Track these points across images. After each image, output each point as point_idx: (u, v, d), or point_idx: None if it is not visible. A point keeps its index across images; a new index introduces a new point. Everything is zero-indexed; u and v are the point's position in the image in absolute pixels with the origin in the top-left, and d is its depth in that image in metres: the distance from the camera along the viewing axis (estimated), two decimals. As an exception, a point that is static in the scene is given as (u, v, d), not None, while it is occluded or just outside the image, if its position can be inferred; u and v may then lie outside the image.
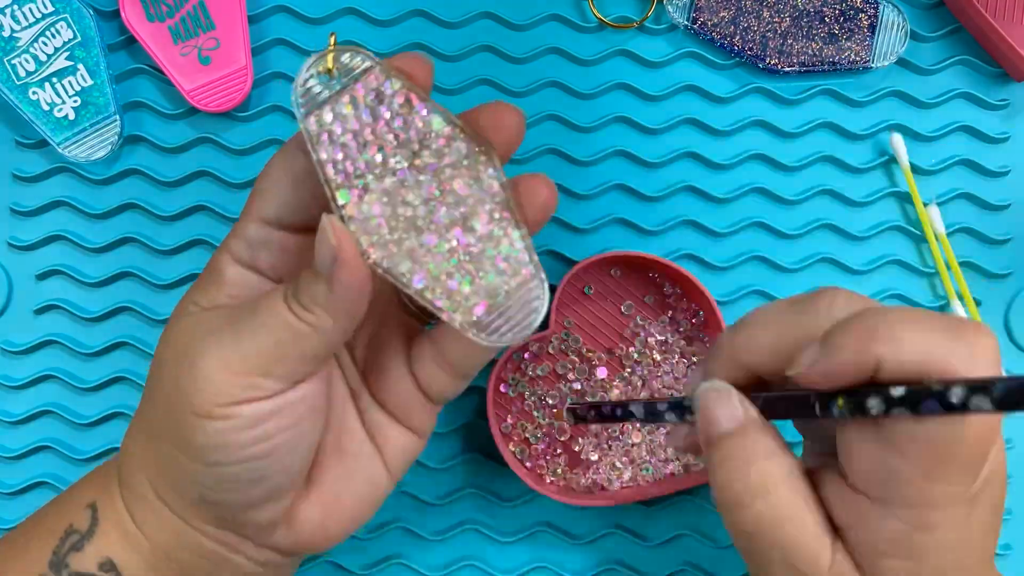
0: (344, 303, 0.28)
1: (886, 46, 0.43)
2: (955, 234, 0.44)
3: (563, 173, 0.44)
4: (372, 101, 0.29)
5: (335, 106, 0.29)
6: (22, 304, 0.44)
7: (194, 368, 0.28)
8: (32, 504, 0.43)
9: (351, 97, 0.29)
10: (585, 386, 0.42)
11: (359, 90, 0.29)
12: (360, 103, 0.29)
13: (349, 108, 0.29)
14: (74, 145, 0.42)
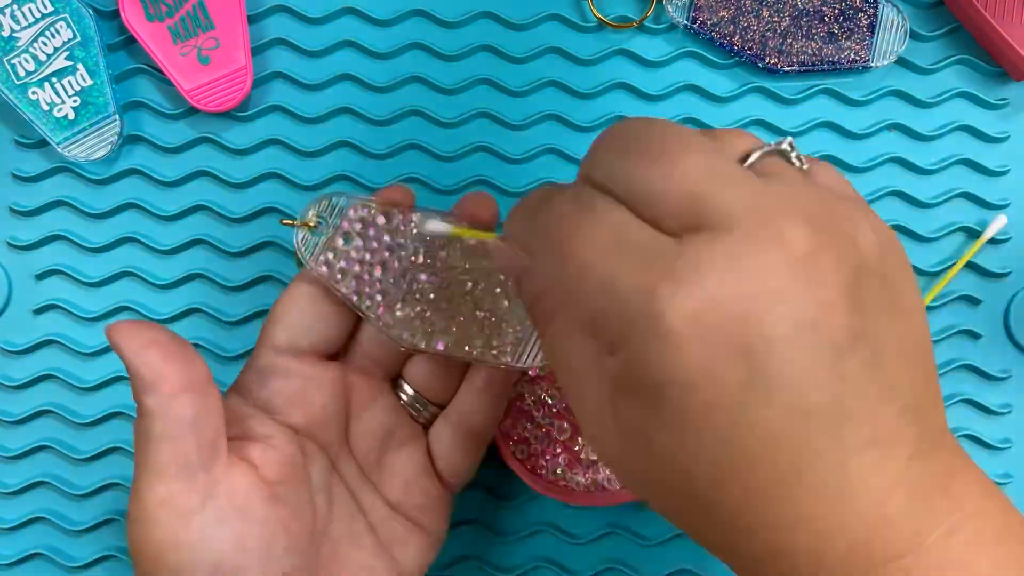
0: None
1: (886, 45, 0.43)
2: (954, 233, 0.44)
3: (563, 173, 0.44)
4: (360, 230, 0.34)
5: (333, 247, 0.34)
6: (22, 304, 0.44)
7: (133, 512, 0.29)
8: (32, 504, 0.43)
9: (343, 234, 0.34)
10: None
11: (345, 226, 0.34)
12: (351, 234, 0.34)
13: (345, 241, 0.34)
14: (74, 145, 0.42)
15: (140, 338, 0.28)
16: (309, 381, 0.34)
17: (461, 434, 0.36)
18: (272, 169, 0.44)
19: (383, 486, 0.35)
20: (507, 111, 0.44)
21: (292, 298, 0.35)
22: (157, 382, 0.28)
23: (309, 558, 0.32)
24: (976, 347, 0.44)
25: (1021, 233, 0.44)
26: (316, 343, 0.34)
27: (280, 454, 0.32)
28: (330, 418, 0.34)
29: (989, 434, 0.43)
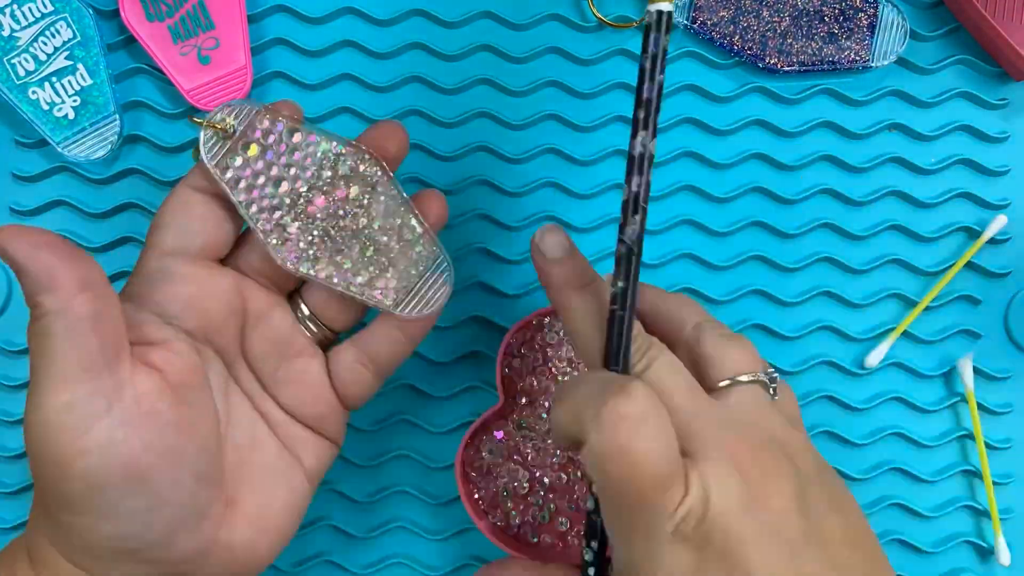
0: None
1: (886, 45, 0.43)
2: (954, 233, 0.44)
3: (563, 173, 0.44)
4: (265, 143, 0.34)
5: (237, 154, 0.34)
6: (22, 304, 0.44)
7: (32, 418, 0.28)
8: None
9: (245, 143, 0.34)
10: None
11: (251, 136, 0.34)
12: (256, 147, 0.34)
13: (253, 151, 0.34)
14: (74, 145, 0.42)
15: (30, 240, 0.28)
16: (202, 286, 0.33)
17: (363, 360, 0.36)
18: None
19: (279, 394, 0.35)
20: (507, 111, 0.44)
21: (179, 202, 0.34)
22: (54, 281, 0.28)
23: (217, 459, 0.32)
24: (976, 347, 0.44)
25: (1021, 233, 0.44)
26: (206, 246, 0.34)
27: (181, 358, 0.31)
28: (225, 324, 0.34)
29: (989, 434, 0.44)
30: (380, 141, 0.35)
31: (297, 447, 0.35)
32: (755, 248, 0.44)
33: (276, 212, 0.34)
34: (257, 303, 0.35)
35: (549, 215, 0.44)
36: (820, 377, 0.44)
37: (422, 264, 0.35)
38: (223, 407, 0.33)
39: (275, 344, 0.35)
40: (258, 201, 0.34)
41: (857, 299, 0.44)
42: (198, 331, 0.33)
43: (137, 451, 0.28)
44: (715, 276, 0.44)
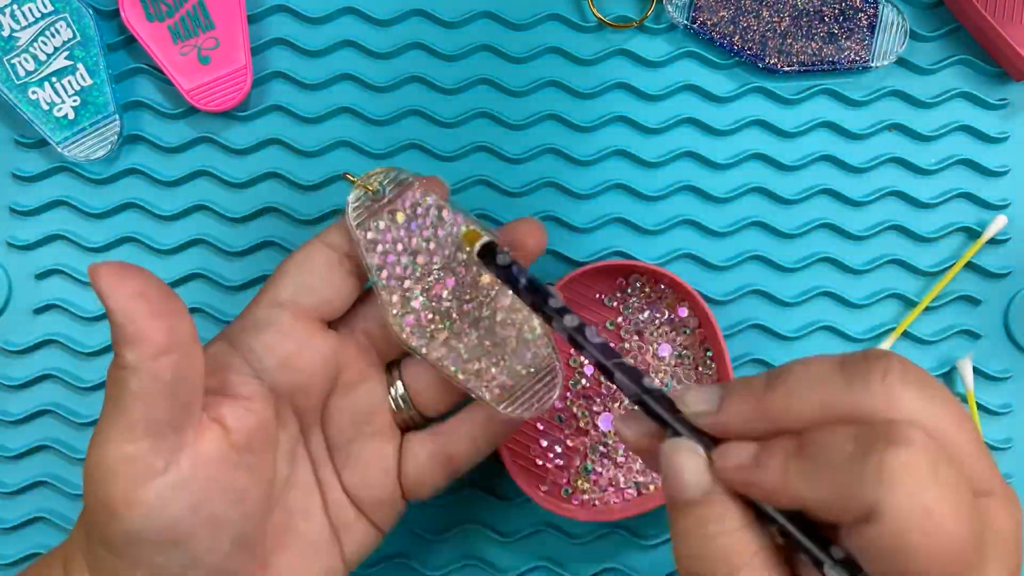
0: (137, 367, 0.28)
1: (885, 46, 0.43)
2: (955, 233, 0.44)
3: (563, 173, 0.44)
4: (411, 214, 0.34)
5: (382, 218, 0.34)
6: (22, 304, 0.44)
7: (93, 457, 0.28)
8: (32, 504, 0.43)
9: (392, 211, 0.34)
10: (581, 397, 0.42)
11: (399, 205, 0.34)
12: (401, 216, 0.34)
13: (400, 219, 0.34)
14: (73, 144, 0.42)
15: (127, 287, 0.27)
16: (305, 344, 0.33)
17: (439, 455, 0.35)
18: (272, 169, 0.44)
19: (344, 470, 0.35)
20: (507, 111, 0.44)
21: (305, 257, 0.34)
22: (140, 338, 0.27)
23: (261, 525, 0.31)
24: (976, 347, 0.44)
25: (1021, 233, 0.44)
26: (320, 305, 0.33)
27: (255, 418, 0.31)
28: (316, 387, 0.34)
29: (990, 434, 0.43)
30: (520, 236, 0.35)
31: (343, 529, 0.34)
32: (755, 248, 0.44)
33: (405, 282, 0.34)
34: (352, 372, 0.35)
35: (549, 215, 0.44)
36: (820, 377, 0.44)
37: (534, 366, 0.34)
38: (286, 469, 0.33)
39: (356, 417, 0.35)
40: (390, 267, 0.34)
41: (857, 299, 0.44)
42: (286, 389, 0.33)
43: (182, 515, 0.28)
44: (715, 276, 0.44)
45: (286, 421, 0.33)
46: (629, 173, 0.44)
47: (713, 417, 0.26)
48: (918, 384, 0.24)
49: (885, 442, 0.22)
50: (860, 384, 0.24)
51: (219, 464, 0.29)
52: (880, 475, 0.21)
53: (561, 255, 0.44)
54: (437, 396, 0.36)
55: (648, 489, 0.42)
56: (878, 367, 0.24)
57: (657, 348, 0.42)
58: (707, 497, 0.25)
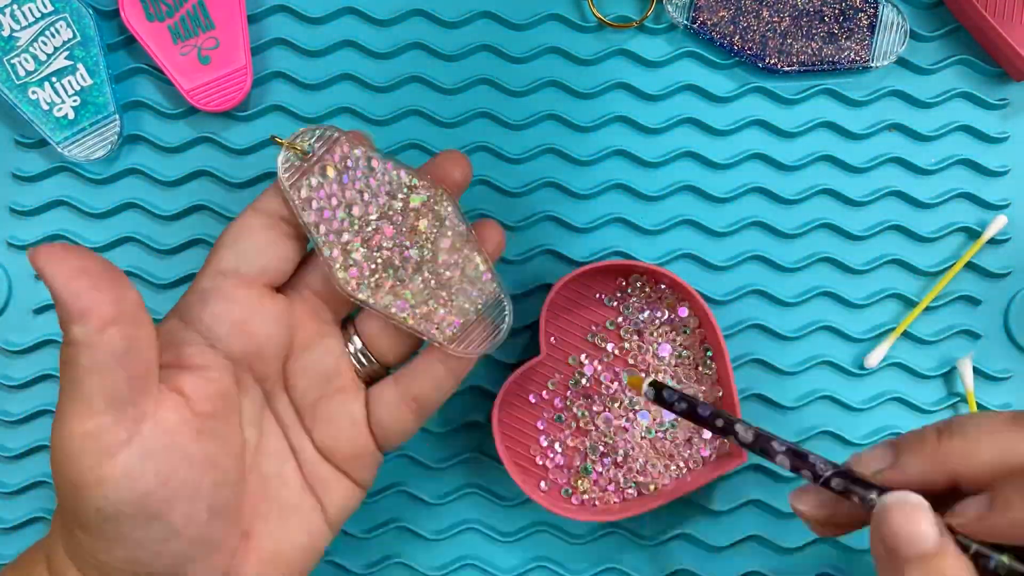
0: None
1: (886, 46, 0.43)
2: (955, 233, 0.44)
3: (563, 173, 0.44)
4: (342, 168, 0.34)
5: (314, 175, 0.34)
6: (21, 304, 0.44)
7: (56, 440, 0.28)
8: (32, 504, 0.44)
9: (322, 166, 0.34)
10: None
11: (328, 159, 0.34)
12: (331, 171, 0.34)
13: (330, 173, 0.34)
14: (74, 145, 0.42)
15: (68, 265, 0.27)
16: (253, 310, 0.33)
17: (405, 399, 0.35)
18: (272, 169, 0.44)
19: (314, 430, 0.35)
20: (507, 111, 0.44)
21: (243, 225, 0.34)
22: (86, 312, 0.27)
23: (236, 492, 0.32)
24: (976, 347, 0.44)
25: (1021, 233, 0.44)
26: (264, 270, 0.33)
27: (214, 386, 0.31)
28: (271, 351, 0.33)
29: (989, 434, 0.43)
30: (446, 169, 0.35)
31: (322, 489, 0.35)
32: (755, 248, 0.44)
33: (344, 235, 0.34)
34: (306, 333, 0.35)
35: (549, 215, 0.44)
36: (820, 377, 0.44)
37: (481, 302, 0.35)
38: (255, 436, 0.33)
39: (319, 377, 0.35)
40: (327, 223, 0.34)
41: (857, 299, 0.44)
42: (242, 356, 0.33)
43: (153, 485, 0.28)
44: (715, 276, 0.44)
45: (247, 388, 0.33)
46: (629, 173, 0.44)
47: (891, 472, 0.28)
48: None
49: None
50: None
51: (183, 432, 0.29)
52: None
53: (561, 255, 0.44)
54: (395, 344, 0.36)
55: (648, 489, 0.42)
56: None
57: (657, 348, 0.42)
58: (941, 550, 0.27)
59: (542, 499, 0.40)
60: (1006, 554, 0.26)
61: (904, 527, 0.27)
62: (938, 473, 0.28)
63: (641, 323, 0.42)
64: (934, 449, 0.28)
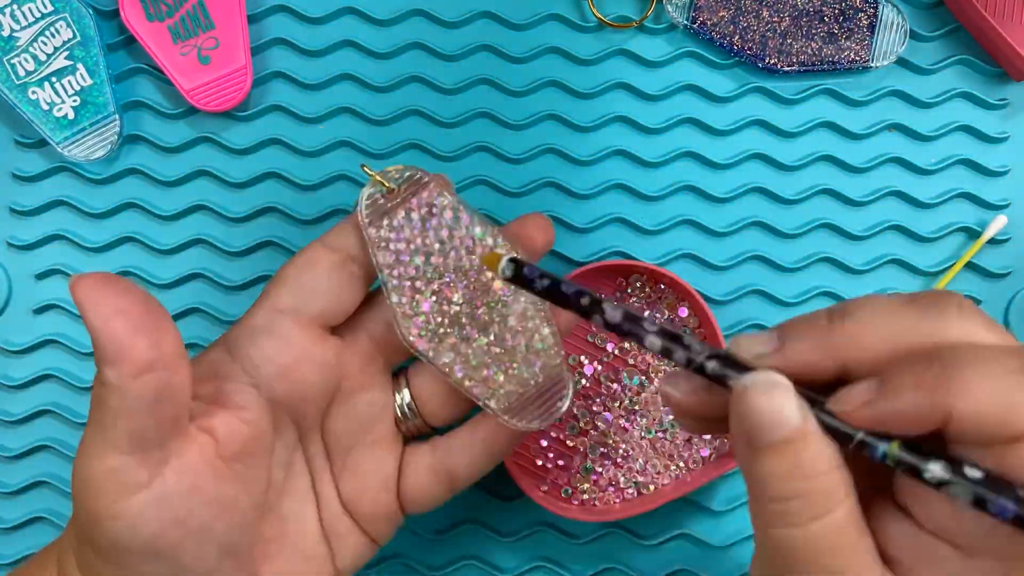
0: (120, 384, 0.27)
1: (885, 45, 0.43)
2: (954, 233, 0.44)
3: (563, 173, 0.44)
4: (425, 214, 0.33)
5: (394, 217, 0.33)
6: (21, 304, 0.44)
7: (78, 469, 0.28)
8: (32, 504, 0.44)
9: (407, 210, 0.33)
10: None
11: (414, 203, 0.33)
12: (415, 215, 0.33)
13: (413, 218, 0.33)
14: (73, 145, 0.42)
15: (108, 304, 0.26)
16: (305, 354, 0.32)
17: (440, 471, 0.34)
18: (272, 169, 0.44)
19: (342, 479, 0.34)
20: (507, 111, 0.44)
21: (307, 260, 0.32)
22: (121, 357, 0.26)
23: (250, 534, 0.31)
24: (976, 347, 0.44)
25: (1021, 233, 0.44)
26: (322, 311, 0.32)
27: (248, 429, 0.30)
28: (315, 396, 0.33)
29: (989, 434, 0.43)
30: (529, 232, 0.34)
31: (337, 541, 0.34)
32: (755, 248, 0.44)
33: (416, 283, 0.33)
34: (354, 380, 0.34)
35: (549, 215, 0.44)
36: (820, 377, 0.44)
37: (543, 376, 0.34)
38: (281, 476, 0.33)
39: (357, 425, 0.34)
40: (402, 267, 0.33)
41: (857, 299, 0.44)
42: (283, 399, 0.32)
43: (166, 526, 0.28)
44: (715, 276, 0.44)
45: (283, 429, 0.32)
46: (629, 173, 0.44)
47: (774, 358, 0.25)
48: (986, 321, 0.24)
49: None
50: (936, 315, 0.24)
51: (205, 475, 0.29)
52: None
53: (561, 255, 0.44)
54: (444, 406, 0.35)
55: (648, 489, 0.42)
56: (952, 301, 0.24)
57: (657, 348, 0.42)
58: (801, 434, 0.23)
59: (542, 499, 0.40)
60: (895, 442, 0.23)
61: (762, 409, 0.24)
62: (827, 359, 0.24)
63: None
64: (823, 332, 0.24)
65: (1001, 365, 0.22)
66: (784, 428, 0.23)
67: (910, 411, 0.23)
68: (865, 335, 0.24)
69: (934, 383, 0.22)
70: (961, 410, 0.22)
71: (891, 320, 0.24)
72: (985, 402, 0.22)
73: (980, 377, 0.22)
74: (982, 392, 0.22)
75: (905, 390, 0.23)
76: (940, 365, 0.23)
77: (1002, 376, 0.22)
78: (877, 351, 0.24)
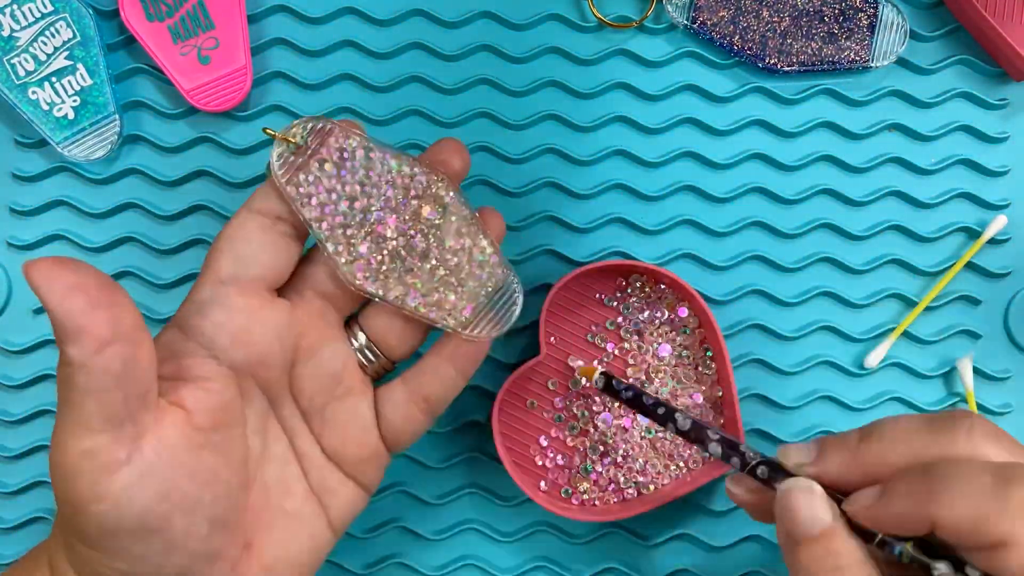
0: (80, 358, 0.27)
1: (885, 45, 0.43)
2: (955, 233, 0.44)
3: (563, 173, 0.44)
4: (338, 160, 0.33)
5: (309, 169, 0.33)
6: (21, 304, 0.44)
7: (54, 456, 0.28)
8: (32, 504, 0.44)
9: (319, 160, 0.33)
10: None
11: (324, 152, 0.33)
12: (328, 164, 0.33)
13: (328, 167, 0.33)
14: (73, 145, 0.42)
15: (63, 281, 0.26)
16: (254, 317, 0.32)
17: (415, 399, 0.35)
18: (272, 169, 0.44)
19: (322, 434, 0.34)
20: (507, 111, 0.44)
21: (239, 227, 0.32)
22: (82, 332, 0.26)
23: (237, 503, 0.31)
24: (976, 347, 0.44)
25: (1021, 233, 0.44)
26: (264, 274, 0.32)
27: (216, 398, 0.30)
28: (276, 359, 0.33)
29: (989, 434, 0.43)
30: (444, 156, 0.35)
31: (327, 494, 0.34)
32: (755, 248, 0.44)
33: (347, 230, 0.33)
34: (311, 337, 0.34)
35: (549, 215, 0.44)
36: (820, 377, 0.44)
37: (491, 285, 0.35)
38: (258, 445, 0.33)
39: (326, 381, 0.34)
40: (329, 218, 0.33)
41: (857, 299, 0.44)
42: (244, 365, 0.32)
43: (152, 502, 0.28)
44: (715, 276, 0.44)
45: (252, 397, 0.33)
46: (629, 173, 0.44)
47: (812, 467, 0.30)
48: (995, 437, 0.28)
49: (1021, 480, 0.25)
50: (947, 435, 0.28)
51: (184, 448, 0.29)
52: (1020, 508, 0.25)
53: (561, 255, 0.44)
54: (402, 338, 0.35)
55: (648, 489, 0.42)
56: (963, 424, 0.28)
57: (657, 348, 0.42)
58: (831, 531, 0.28)
59: (542, 499, 0.40)
60: (909, 543, 0.27)
61: (800, 508, 0.29)
62: (855, 473, 0.29)
63: (641, 323, 0.42)
64: (854, 450, 0.29)
65: (978, 479, 0.26)
66: (817, 525, 0.29)
67: (900, 516, 0.27)
68: (888, 454, 0.29)
69: (921, 494, 0.27)
70: (943, 518, 0.26)
71: (910, 440, 0.28)
72: (960, 513, 0.26)
73: (957, 489, 0.26)
74: (958, 503, 0.26)
75: (898, 498, 0.27)
76: (928, 478, 0.27)
77: (977, 489, 0.26)
78: (898, 467, 0.28)
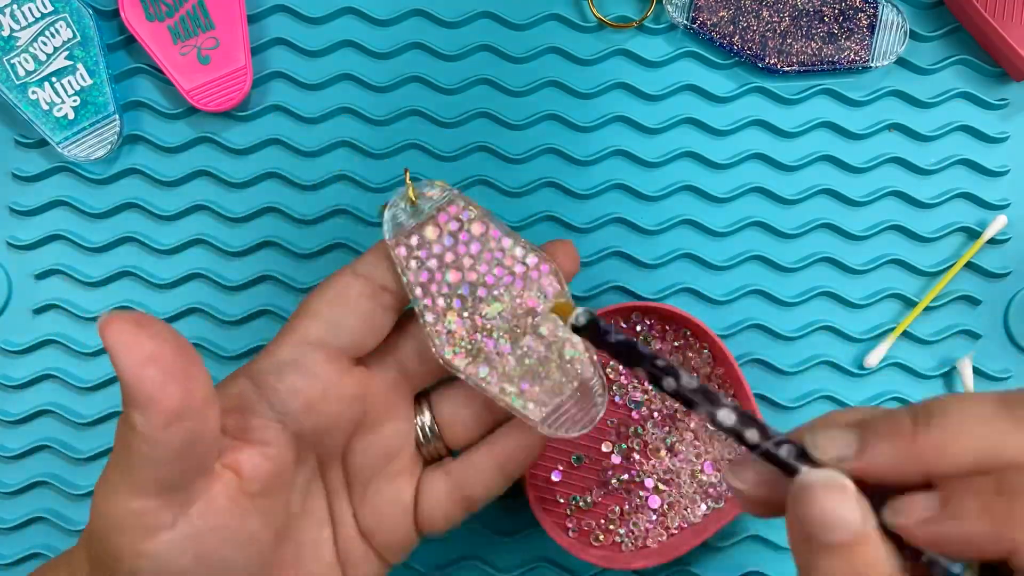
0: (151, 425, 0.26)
1: (885, 46, 0.43)
2: (955, 233, 0.44)
3: (562, 173, 0.44)
4: (455, 229, 0.33)
5: (421, 233, 0.33)
6: (22, 304, 0.44)
7: (100, 505, 0.28)
8: (32, 504, 0.44)
9: (436, 225, 0.33)
10: None
11: (442, 219, 0.33)
12: (445, 230, 0.33)
13: (433, 235, 0.33)
14: (73, 144, 0.42)
15: (139, 350, 0.25)
16: (332, 387, 0.31)
17: (455, 495, 0.34)
18: (272, 169, 0.44)
19: (359, 509, 0.34)
20: (507, 111, 0.44)
21: (337, 292, 0.32)
22: (151, 403, 0.26)
23: (270, 561, 0.31)
24: (976, 347, 0.44)
25: (1021, 233, 0.44)
26: (354, 343, 0.32)
27: (272, 464, 0.30)
28: (340, 428, 0.32)
29: (989, 434, 0.43)
30: (556, 257, 0.34)
31: (351, 566, 0.34)
32: (755, 248, 0.44)
33: (450, 301, 0.33)
34: (378, 410, 0.33)
35: (549, 215, 0.44)
36: (820, 377, 0.44)
37: (576, 383, 0.33)
38: (299, 502, 0.32)
39: (379, 458, 0.34)
40: (432, 285, 0.33)
41: (857, 299, 0.44)
42: (308, 432, 0.31)
43: (190, 564, 0.28)
44: (715, 276, 0.44)
45: (304, 459, 0.32)
46: (629, 173, 0.44)
47: (857, 463, 0.24)
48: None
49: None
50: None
51: (230, 513, 0.29)
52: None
53: (561, 255, 0.44)
54: (467, 429, 0.35)
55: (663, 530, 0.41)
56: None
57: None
58: (863, 537, 0.23)
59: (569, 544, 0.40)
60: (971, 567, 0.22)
61: (824, 508, 0.23)
62: (911, 469, 0.23)
63: None
64: (910, 440, 0.23)
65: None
66: (844, 531, 0.23)
67: (972, 538, 0.22)
68: (954, 446, 0.22)
69: (1003, 513, 0.21)
70: None
71: (982, 430, 0.22)
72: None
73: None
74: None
75: (970, 515, 0.22)
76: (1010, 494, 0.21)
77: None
78: (965, 463, 0.22)
